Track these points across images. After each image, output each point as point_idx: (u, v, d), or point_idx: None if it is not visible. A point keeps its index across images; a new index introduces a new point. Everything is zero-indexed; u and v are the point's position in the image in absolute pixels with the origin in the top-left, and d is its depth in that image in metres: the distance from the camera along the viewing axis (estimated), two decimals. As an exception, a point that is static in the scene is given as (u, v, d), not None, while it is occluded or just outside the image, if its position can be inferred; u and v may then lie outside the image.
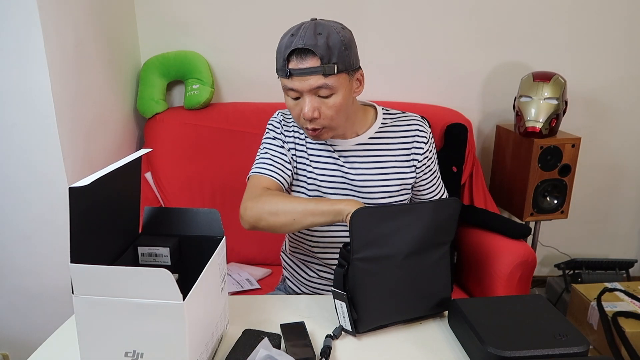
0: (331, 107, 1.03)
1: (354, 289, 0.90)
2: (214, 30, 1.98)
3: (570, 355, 0.78)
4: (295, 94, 1.03)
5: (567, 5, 2.01)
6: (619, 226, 2.34)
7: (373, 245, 0.89)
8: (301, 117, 1.05)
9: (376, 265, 0.90)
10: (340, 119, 1.07)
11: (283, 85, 1.05)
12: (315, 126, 1.04)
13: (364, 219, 0.87)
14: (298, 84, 1.01)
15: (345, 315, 0.91)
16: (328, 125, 1.05)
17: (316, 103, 1.02)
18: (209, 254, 0.81)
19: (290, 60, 1.00)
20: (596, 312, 1.76)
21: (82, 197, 0.69)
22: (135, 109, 1.96)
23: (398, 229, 0.90)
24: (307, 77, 0.99)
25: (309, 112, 1.01)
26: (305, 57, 0.98)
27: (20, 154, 1.41)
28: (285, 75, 1.01)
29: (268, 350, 0.77)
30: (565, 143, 1.85)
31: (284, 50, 1.00)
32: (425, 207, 0.92)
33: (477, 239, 1.66)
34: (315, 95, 1.02)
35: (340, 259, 0.93)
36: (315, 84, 1.00)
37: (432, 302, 0.96)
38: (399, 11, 1.98)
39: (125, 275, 0.68)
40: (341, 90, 1.03)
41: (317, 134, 1.07)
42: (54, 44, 1.37)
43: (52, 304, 1.55)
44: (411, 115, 1.23)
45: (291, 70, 1.00)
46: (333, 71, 0.99)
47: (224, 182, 1.85)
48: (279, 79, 1.06)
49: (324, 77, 0.99)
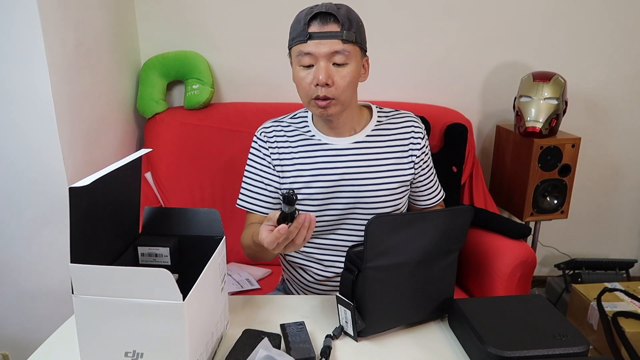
0: (344, 77, 1.04)
1: (363, 297, 0.89)
2: (214, 30, 1.98)
3: (570, 355, 0.78)
4: (309, 60, 1.03)
5: (567, 5, 2.01)
6: (619, 226, 2.34)
7: (387, 253, 0.87)
8: (311, 87, 1.05)
9: (387, 274, 0.88)
10: (349, 93, 1.07)
11: (297, 52, 1.04)
12: (326, 94, 1.04)
13: (379, 227, 0.85)
14: (315, 48, 1.02)
15: (348, 321, 0.90)
16: (338, 97, 1.05)
17: (330, 70, 1.03)
18: (209, 254, 0.81)
19: (310, 24, 1.02)
20: (596, 312, 1.76)
21: (82, 197, 0.69)
22: (135, 109, 1.96)
23: (411, 236, 0.88)
24: (327, 41, 1.01)
25: (323, 77, 1.02)
26: (327, 21, 1.01)
27: (20, 154, 1.41)
28: (304, 38, 1.02)
29: (268, 351, 0.77)
30: (565, 143, 1.85)
31: (304, 17, 1.03)
32: (439, 214, 0.91)
33: (477, 239, 1.66)
34: (329, 63, 1.03)
35: (348, 264, 0.91)
36: (333, 47, 1.01)
37: (435, 306, 0.96)
38: (399, 11, 1.98)
39: (125, 275, 0.68)
40: (354, 63, 1.05)
41: (327, 104, 1.06)
42: (54, 44, 1.37)
43: (52, 304, 1.55)
44: (405, 112, 1.23)
45: (311, 33, 1.01)
46: (352, 38, 1.02)
47: (224, 182, 1.85)
48: (291, 50, 1.07)
49: (343, 42, 1.01)
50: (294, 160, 1.17)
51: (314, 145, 1.17)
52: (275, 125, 1.21)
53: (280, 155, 1.18)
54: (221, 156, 1.85)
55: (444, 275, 0.96)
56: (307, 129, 1.19)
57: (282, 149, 1.18)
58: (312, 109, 1.10)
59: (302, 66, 1.05)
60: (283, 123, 1.21)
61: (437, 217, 0.91)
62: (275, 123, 1.21)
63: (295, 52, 1.05)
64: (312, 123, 1.19)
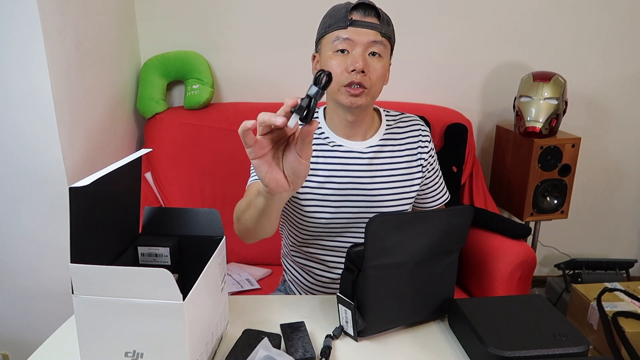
0: (377, 69, 1.05)
1: (363, 296, 0.88)
2: (214, 30, 1.98)
3: (571, 355, 0.78)
4: (346, 45, 1.04)
5: (567, 5, 2.01)
6: (619, 226, 2.34)
7: (387, 253, 0.87)
8: (344, 73, 1.04)
9: (388, 273, 0.88)
10: (379, 87, 1.08)
11: (334, 37, 1.04)
12: (362, 81, 1.04)
13: (379, 226, 0.85)
14: (355, 35, 1.03)
15: (349, 320, 0.90)
16: (370, 87, 1.05)
17: (367, 60, 1.04)
18: (209, 254, 0.81)
19: (353, 12, 1.04)
20: (596, 312, 1.76)
21: (82, 197, 0.69)
22: (135, 109, 1.96)
23: (412, 236, 0.88)
24: (367, 30, 1.03)
25: (361, 63, 1.02)
26: (369, 13, 1.05)
27: (20, 154, 1.41)
28: (345, 24, 1.03)
29: (268, 351, 0.77)
30: (565, 143, 1.85)
31: (345, 5, 1.05)
32: (439, 214, 0.91)
33: (477, 239, 1.66)
34: (366, 52, 1.04)
35: (348, 263, 0.91)
36: (373, 37, 1.04)
37: (436, 306, 0.96)
38: (398, 11, 1.98)
39: (125, 275, 0.68)
40: (385, 60, 1.07)
41: (360, 92, 1.05)
42: (54, 44, 1.37)
43: (52, 304, 1.55)
44: (409, 115, 1.23)
45: (353, 20, 1.03)
46: (389, 34, 1.06)
47: (224, 182, 1.85)
48: (325, 37, 1.07)
49: (381, 35, 1.04)
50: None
51: (328, 147, 1.15)
52: None
53: None
54: (221, 156, 1.85)
55: (445, 275, 0.96)
56: (320, 130, 1.17)
57: None
58: (341, 97, 1.06)
59: (337, 51, 1.05)
60: None
61: (438, 216, 0.90)
62: None
63: (332, 38, 1.05)
64: (326, 124, 1.17)
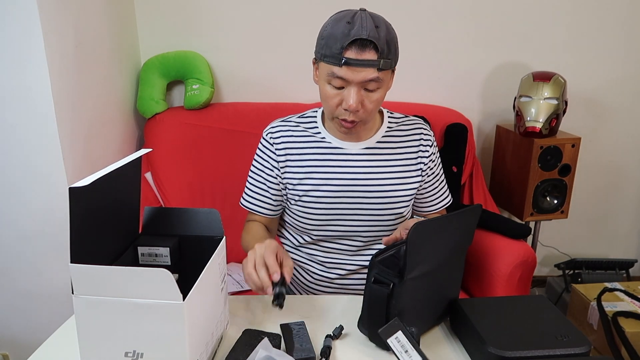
0: (374, 102, 1.02)
1: (401, 310, 0.82)
2: (214, 30, 1.98)
3: (572, 356, 0.78)
4: (340, 83, 1.00)
5: (567, 5, 2.01)
6: (619, 226, 2.34)
7: (423, 261, 0.83)
8: (339, 108, 1.03)
9: (421, 281, 0.85)
10: (372, 116, 1.07)
11: (328, 72, 1.00)
12: (354, 119, 1.03)
13: (421, 235, 0.81)
14: (350, 75, 0.98)
15: (409, 349, 0.77)
16: (365, 119, 1.04)
17: (361, 96, 1.01)
18: (209, 254, 0.81)
19: (348, 49, 0.96)
20: (596, 312, 1.75)
21: (82, 197, 0.69)
22: (135, 109, 1.96)
23: (439, 240, 0.86)
24: (363, 69, 0.97)
25: (354, 104, 0.99)
26: (366, 49, 0.96)
27: (20, 154, 1.41)
28: (339, 63, 0.97)
29: (268, 351, 0.77)
30: (565, 143, 1.85)
31: (341, 38, 0.96)
32: (462, 215, 0.90)
33: (477, 239, 1.65)
34: (361, 89, 1.00)
35: (378, 276, 0.83)
36: (368, 76, 0.98)
37: (445, 307, 0.96)
38: (398, 11, 1.98)
39: (125, 275, 0.68)
40: (385, 86, 1.04)
41: (353, 126, 1.05)
42: (54, 44, 1.37)
43: (52, 304, 1.55)
44: (414, 119, 1.22)
45: (348, 59, 0.96)
46: (388, 67, 0.99)
47: (224, 182, 1.85)
48: (321, 63, 1.02)
49: (378, 71, 0.98)
50: (303, 162, 1.15)
51: (325, 148, 1.15)
52: (282, 125, 1.19)
53: (288, 156, 1.16)
54: (221, 156, 1.85)
55: (457, 275, 0.96)
56: (316, 129, 1.17)
57: (289, 149, 1.16)
58: (334, 125, 1.09)
59: (332, 85, 1.02)
60: (291, 123, 1.19)
61: (460, 218, 0.89)
62: (283, 123, 1.20)
63: (326, 71, 1.01)
64: (323, 124, 1.18)
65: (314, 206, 1.14)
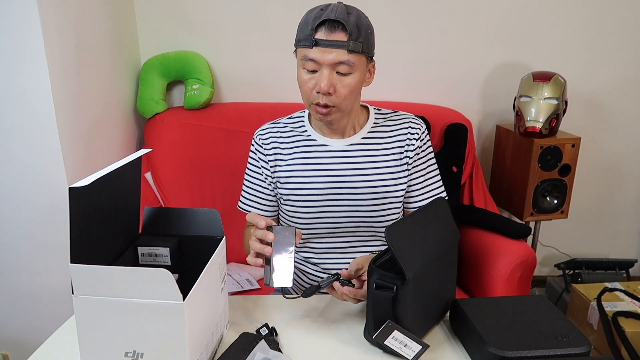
0: (346, 86, 1.03)
1: (404, 311, 0.83)
2: (214, 30, 1.98)
3: (572, 356, 0.78)
4: (313, 65, 1.02)
5: (567, 5, 2.01)
6: (619, 226, 2.34)
7: (415, 259, 0.83)
8: (313, 92, 1.04)
9: (420, 281, 0.84)
10: (350, 101, 1.07)
11: (302, 56, 1.04)
12: (327, 102, 1.04)
13: (397, 235, 0.82)
14: (320, 55, 1.01)
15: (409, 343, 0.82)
16: (339, 105, 1.05)
17: (333, 79, 1.02)
18: (209, 254, 0.81)
19: (318, 30, 1.00)
20: (596, 312, 1.75)
21: (82, 197, 0.69)
22: (135, 109, 1.96)
23: (421, 237, 0.87)
24: (332, 50, 1.00)
25: (325, 85, 1.01)
26: (335, 30, 0.99)
27: (20, 154, 1.41)
28: (310, 44, 1.01)
29: (265, 353, 0.77)
30: (565, 143, 1.85)
31: (312, 21, 1.01)
32: (427, 209, 0.92)
33: (477, 239, 1.66)
34: (333, 71, 1.02)
35: (380, 281, 0.83)
36: (338, 58, 1.00)
37: (443, 306, 0.96)
38: (398, 11, 1.98)
39: (125, 275, 0.68)
40: (358, 72, 1.04)
41: (327, 112, 1.06)
42: (54, 44, 1.37)
43: (52, 304, 1.55)
44: (404, 113, 1.22)
45: (318, 39, 1.00)
46: (358, 49, 1.01)
47: (224, 182, 1.85)
48: (297, 50, 1.06)
49: (348, 53, 1.00)
50: (291, 161, 1.16)
51: (310, 147, 1.16)
52: (271, 127, 1.21)
53: (277, 156, 1.18)
54: (221, 156, 1.85)
55: (451, 272, 0.96)
56: (303, 129, 1.19)
57: (278, 149, 1.18)
58: (311, 112, 1.10)
59: (306, 69, 1.05)
60: (279, 124, 1.21)
61: (427, 212, 0.92)
62: (272, 125, 1.22)
63: (300, 55, 1.05)
64: (309, 123, 1.19)
65: (301, 204, 1.15)
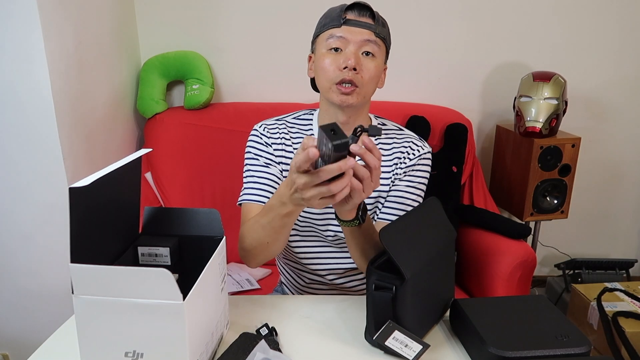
0: (370, 68, 1.05)
1: (404, 310, 0.82)
2: (214, 30, 1.98)
3: (572, 356, 0.78)
4: (340, 43, 1.04)
5: (567, 5, 2.01)
6: (619, 226, 2.34)
7: (413, 259, 0.83)
8: (336, 70, 1.03)
9: (419, 281, 0.84)
10: (371, 87, 1.08)
11: (328, 36, 1.05)
12: (353, 79, 1.03)
13: (391, 236, 0.81)
14: (349, 33, 1.04)
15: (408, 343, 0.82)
16: (362, 85, 1.04)
17: (360, 58, 1.04)
18: (209, 254, 0.81)
19: (348, 11, 1.05)
20: (596, 312, 1.75)
21: (82, 197, 0.69)
22: (135, 109, 1.96)
23: (416, 237, 0.86)
24: (361, 29, 1.04)
25: (353, 60, 1.02)
26: (364, 13, 1.06)
27: (20, 154, 1.41)
28: (339, 23, 1.04)
29: (265, 353, 0.77)
30: (565, 143, 1.85)
31: (340, 6, 1.06)
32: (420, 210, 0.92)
33: (477, 239, 1.66)
34: (359, 51, 1.04)
35: (379, 282, 0.83)
36: (366, 36, 1.04)
37: (442, 306, 0.96)
38: (398, 11, 1.98)
39: (125, 275, 0.68)
40: (380, 59, 1.07)
41: (351, 91, 1.03)
42: (54, 44, 1.37)
43: (52, 304, 1.55)
44: (409, 134, 1.16)
45: (348, 19, 1.04)
46: (383, 35, 1.07)
47: (224, 182, 1.85)
48: (320, 35, 1.07)
49: (375, 35, 1.05)
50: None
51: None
52: (279, 123, 1.16)
53: (283, 152, 1.13)
54: (221, 156, 1.85)
55: (449, 272, 0.96)
56: (311, 132, 1.15)
57: (284, 145, 1.13)
58: (332, 95, 1.04)
59: (330, 49, 1.05)
60: (287, 123, 1.17)
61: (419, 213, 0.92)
62: (279, 121, 1.17)
63: (326, 36, 1.06)
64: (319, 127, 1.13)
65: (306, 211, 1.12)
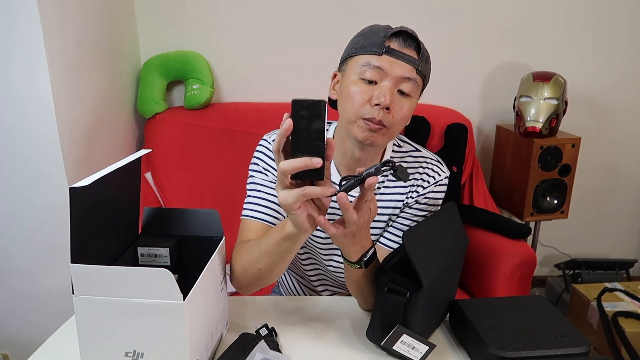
0: (403, 110, 0.92)
1: (412, 320, 0.81)
2: (214, 30, 1.98)
3: (572, 356, 0.78)
4: (375, 75, 0.89)
5: (567, 5, 2.01)
6: (619, 226, 2.34)
7: (431, 266, 0.81)
8: (366, 105, 0.90)
9: (432, 287, 0.82)
10: (398, 129, 0.94)
11: (364, 63, 0.90)
12: (383, 120, 0.89)
13: (415, 239, 0.79)
14: (389, 66, 0.89)
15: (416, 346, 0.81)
16: (390, 127, 0.91)
17: (395, 96, 0.90)
18: (209, 254, 0.81)
19: (392, 39, 0.90)
20: (596, 312, 1.75)
21: (82, 197, 0.69)
22: (135, 109, 1.96)
23: (435, 243, 0.85)
24: (403, 64, 0.89)
25: (389, 98, 0.88)
26: (410, 44, 0.90)
27: (20, 154, 1.41)
28: (379, 51, 0.89)
29: (264, 353, 0.77)
30: (565, 143, 1.85)
31: (385, 29, 0.91)
32: (441, 214, 0.90)
33: (477, 239, 1.66)
34: (395, 88, 0.90)
35: (393, 285, 0.80)
36: (407, 73, 0.89)
37: (445, 308, 0.95)
38: (398, 11, 1.98)
39: (125, 275, 0.68)
40: (414, 101, 0.93)
41: (378, 129, 0.90)
42: (54, 44, 1.37)
43: (52, 304, 1.55)
44: (427, 156, 1.06)
45: (391, 48, 0.89)
46: (425, 73, 0.92)
47: (224, 182, 1.85)
48: (353, 58, 0.93)
49: (416, 72, 0.90)
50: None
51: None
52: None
53: None
54: (221, 156, 1.85)
55: (457, 278, 0.96)
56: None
57: None
58: (356, 129, 0.92)
59: (363, 79, 0.91)
60: None
61: (440, 217, 0.90)
62: None
63: (361, 62, 0.91)
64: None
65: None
